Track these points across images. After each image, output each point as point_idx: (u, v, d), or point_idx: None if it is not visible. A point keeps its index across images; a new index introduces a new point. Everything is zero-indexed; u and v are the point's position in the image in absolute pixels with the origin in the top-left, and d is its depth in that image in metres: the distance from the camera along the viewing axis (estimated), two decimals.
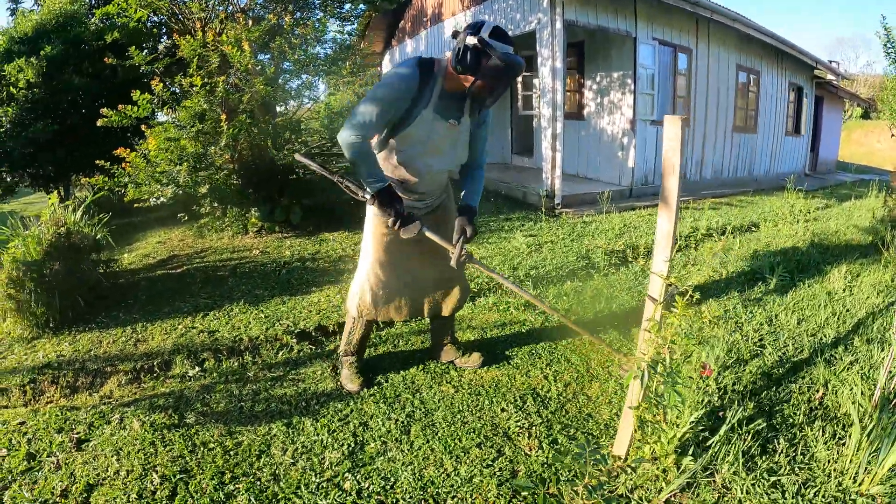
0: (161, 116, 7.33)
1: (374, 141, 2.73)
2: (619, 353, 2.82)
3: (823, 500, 2.34)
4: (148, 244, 6.26)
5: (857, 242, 6.31)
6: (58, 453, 2.56)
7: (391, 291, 3.01)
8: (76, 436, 2.68)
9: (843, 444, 2.64)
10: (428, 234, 2.66)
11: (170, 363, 3.43)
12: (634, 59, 8.68)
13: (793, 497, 2.36)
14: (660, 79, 9.29)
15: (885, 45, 5.67)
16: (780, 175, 12.25)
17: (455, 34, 2.48)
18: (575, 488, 2.00)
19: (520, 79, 11.23)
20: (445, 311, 3.21)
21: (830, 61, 14.26)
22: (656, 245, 2.20)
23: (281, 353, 3.56)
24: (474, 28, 2.41)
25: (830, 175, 16.47)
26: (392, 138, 2.64)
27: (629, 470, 2.45)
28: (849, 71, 32.71)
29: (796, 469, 2.53)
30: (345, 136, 2.46)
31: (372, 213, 2.88)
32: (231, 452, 2.54)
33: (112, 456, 2.53)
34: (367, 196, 2.62)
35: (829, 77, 14.60)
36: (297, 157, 2.95)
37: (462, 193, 2.90)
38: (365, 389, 3.09)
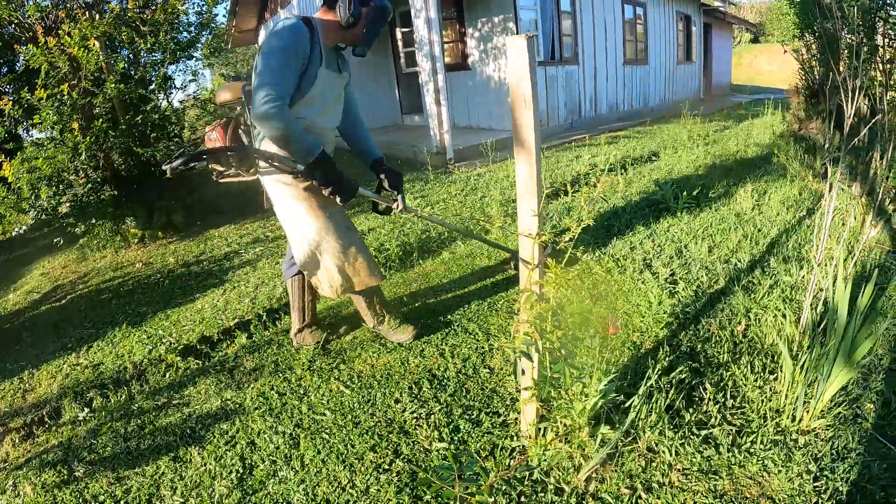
0: (36, 134, 6.59)
1: None
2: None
3: (763, 447, 2.06)
4: (32, 278, 5.70)
5: (759, 160, 6.21)
6: None
7: (363, 251, 2.77)
8: None
9: (776, 378, 2.38)
10: (362, 191, 2.53)
11: (59, 410, 3.09)
12: (514, 0, 8.35)
13: (728, 450, 2.06)
14: (543, 20, 9.05)
15: None
16: (676, 103, 12.42)
17: None
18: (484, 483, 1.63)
19: (399, 35, 10.89)
20: None
21: None
22: (519, 197, 1.80)
23: (168, 375, 3.23)
24: None
25: (726, 97, 16.94)
26: (295, 104, 2.44)
27: (541, 451, 2.09)
28: None
29: (728, 416, 2.25)
30: (264, 107, 2.21)
31: (290, 186, 2.63)
32: (121, 502, 2.32)
33: None
34: (300, 168, 2.39)
35: (716, 4, 14.97)
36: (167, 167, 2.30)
37: (364, 149, 2.87)
38: (413, 339, 3.07)
